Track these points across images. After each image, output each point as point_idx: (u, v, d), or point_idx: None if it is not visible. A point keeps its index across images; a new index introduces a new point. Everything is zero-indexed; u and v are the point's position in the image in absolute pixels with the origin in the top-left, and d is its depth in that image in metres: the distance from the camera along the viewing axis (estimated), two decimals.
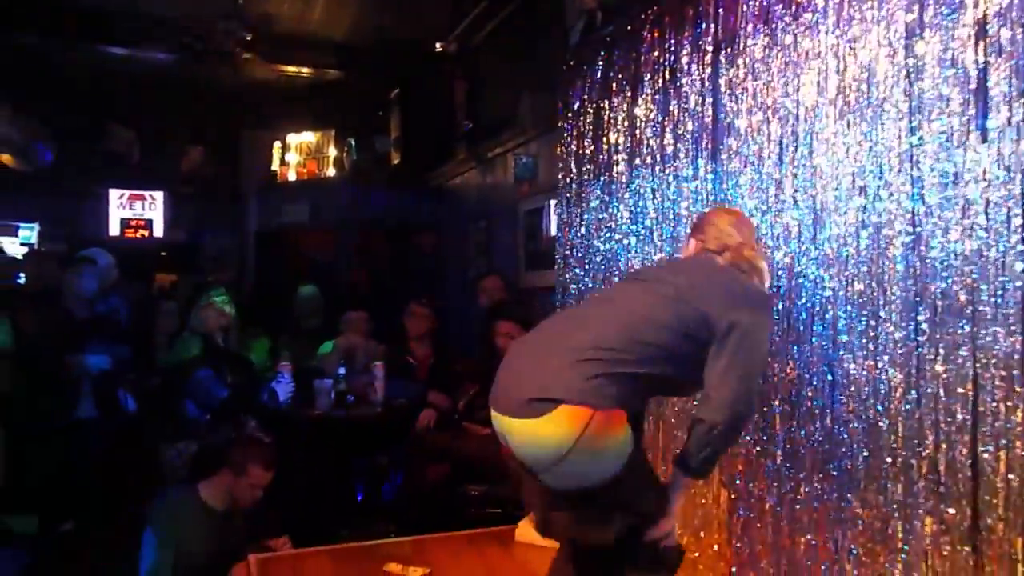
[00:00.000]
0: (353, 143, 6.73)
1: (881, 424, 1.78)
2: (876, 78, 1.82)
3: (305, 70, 6.34)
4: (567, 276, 3.24)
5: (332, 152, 6.80)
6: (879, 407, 1.79)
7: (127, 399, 4.10)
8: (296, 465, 3.54)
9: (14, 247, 6.50)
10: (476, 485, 3.35)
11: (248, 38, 5.43)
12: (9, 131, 5.68)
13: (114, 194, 7.20)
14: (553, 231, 3.94)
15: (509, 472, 3.22)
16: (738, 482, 2.26)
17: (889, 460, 1.76)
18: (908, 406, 1.72)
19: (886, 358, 1.78)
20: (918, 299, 1.71)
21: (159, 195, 7.34)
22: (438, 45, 5.65)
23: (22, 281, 4.84)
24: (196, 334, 3.87)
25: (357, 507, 4.19)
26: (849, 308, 1.89)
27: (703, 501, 2.42)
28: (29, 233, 6.84)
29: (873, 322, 1.82)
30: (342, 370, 4.12)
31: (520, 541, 2.55)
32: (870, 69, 1.84)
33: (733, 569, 2.27)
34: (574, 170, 3.23)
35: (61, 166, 6.63)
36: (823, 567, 1.94)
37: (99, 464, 3.83)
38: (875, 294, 1.82)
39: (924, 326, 1.70)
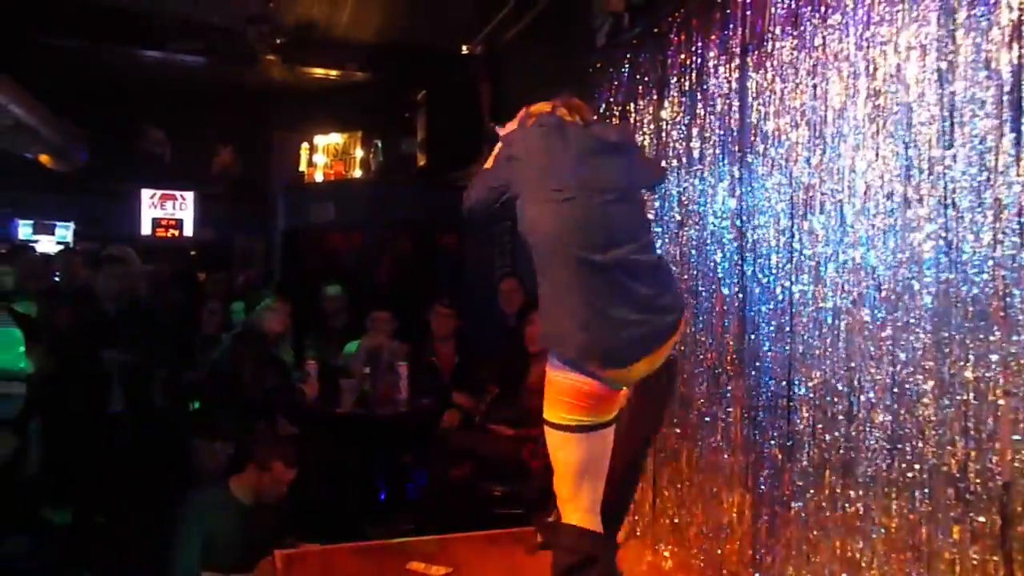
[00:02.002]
0: (379, 144, 6.78)
1: (908, 430, 1.76)
2: (907, 80, 1.80)
3: (333, 72, 6.40)
4: None
5: (359, 153, 6.86)
6: (907, 413, 1.77)
7: (157, 395, 4.18)
8: (321, 463, 3.58)
9: (51, 245, 6.66)
10: (499, 485, 3.36)
11: (277, 41, 5.50)
12: (47, 132, 5.82)
13: (146, 194, 7.34)
14: None
15: (532, 473, 3.25)
16: (762, 487, 2.24)
17: (917, 467, 1.74)
18: (938, 413, 1.70)
19: (915, 364, 1.76)
20: (948, 304, 1.69)
21: (189, 195, 7.47)
22: (464, 48, 5.67)
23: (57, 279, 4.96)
24: (252, 334, 3.92)
25: (381, 505, 4.23)
26: (877, 313, 1.87)
27: (726, 506, 2.40)
28: (65, 232, 7.02)
29: (902, 327, 1.80)
30: (367, 369, 4.16)
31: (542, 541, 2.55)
32: (900, 71, 1.81)
33: (756, 575, 2.25)
34: None
35: (96, 167, 6.79)
36: (848, 574, 1.92)
37: (127, 458, 3.91)
38: (904, 299, 1.80)
39: (954, 332, 1.67)
